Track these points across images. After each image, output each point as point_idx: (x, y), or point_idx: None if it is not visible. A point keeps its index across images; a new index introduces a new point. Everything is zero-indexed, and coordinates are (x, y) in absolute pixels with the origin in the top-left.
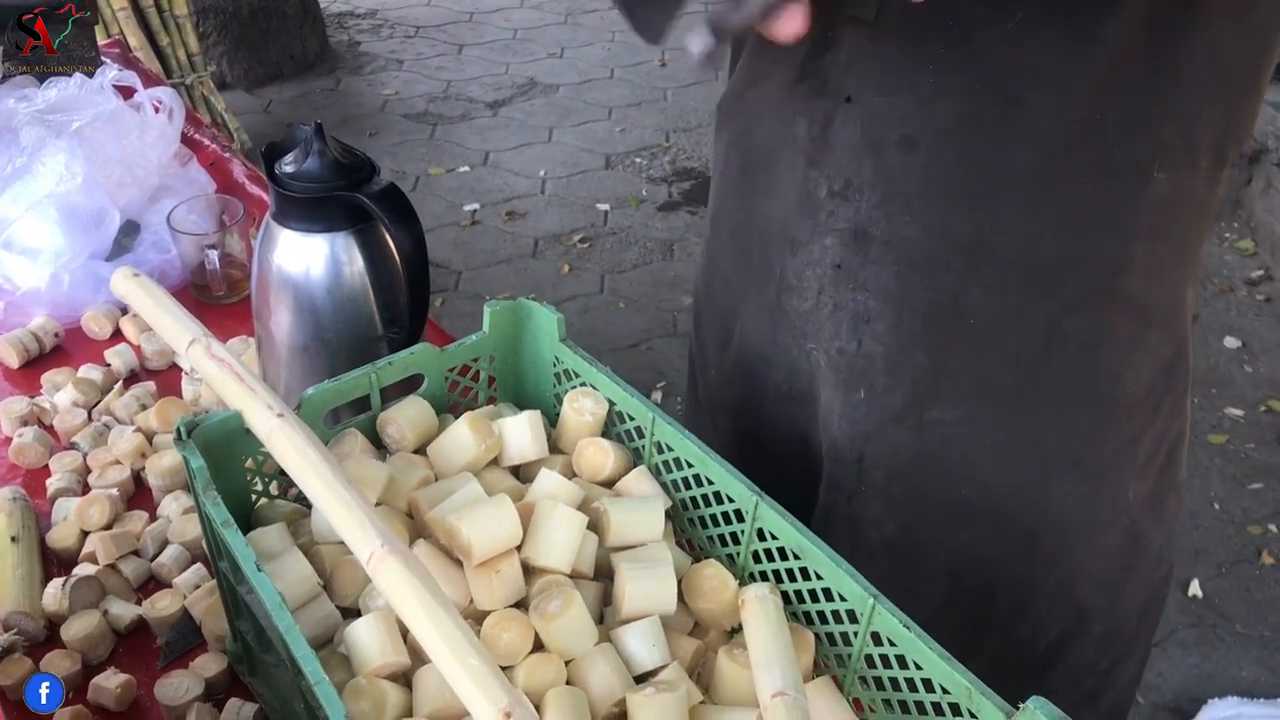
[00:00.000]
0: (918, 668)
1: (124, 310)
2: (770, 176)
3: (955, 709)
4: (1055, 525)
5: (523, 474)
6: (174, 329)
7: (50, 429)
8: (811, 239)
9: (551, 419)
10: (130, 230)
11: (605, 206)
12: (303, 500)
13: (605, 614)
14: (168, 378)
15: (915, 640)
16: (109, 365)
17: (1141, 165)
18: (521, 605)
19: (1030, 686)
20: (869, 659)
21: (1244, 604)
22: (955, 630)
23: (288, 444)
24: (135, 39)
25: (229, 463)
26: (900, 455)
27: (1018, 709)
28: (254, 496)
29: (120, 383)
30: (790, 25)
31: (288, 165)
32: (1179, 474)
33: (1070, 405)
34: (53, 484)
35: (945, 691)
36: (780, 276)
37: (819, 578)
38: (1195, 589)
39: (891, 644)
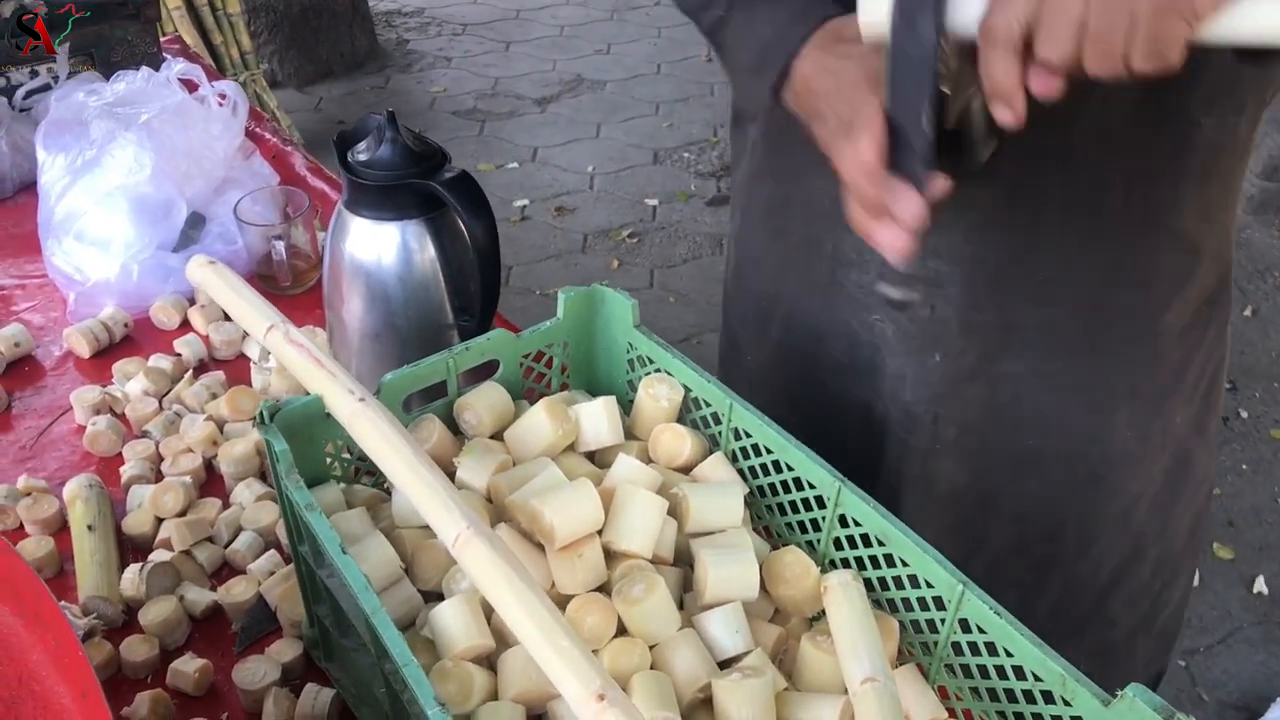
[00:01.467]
0: (1008, 655)
1: (192, 301)
2: (811, 155)
3: (1048, 696)
4: (1117, 458)
5: (598, 459)
6: (252, 315)
7: (122, 417)
8: (922, 280)
9: (624, 405)
10: (196, 222)
11: (654, 201)
12: (379, 485)
13: (685, 600)
14: (236, 367)
15: (1006, 627)
16: (178, 355)
17: (1191, 114)
18: (603, 590)
19: (1092, 618)
20: (956, 646)
21: None
22: (1021, 573)
23: (370, 428)
24: (189, 37)
25: (309, 447)
26: (972, 409)
27: (1115, 696)
28: (334, 480)
29: (190, 372)
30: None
31: (361, 153)
32: (1219, 398)
33: (1127, 341)
34: (126, 471)
35: (1038, 679)
36: (833, 253)
37: (904, 564)
38: (1260, 585)
39: (981, 631)
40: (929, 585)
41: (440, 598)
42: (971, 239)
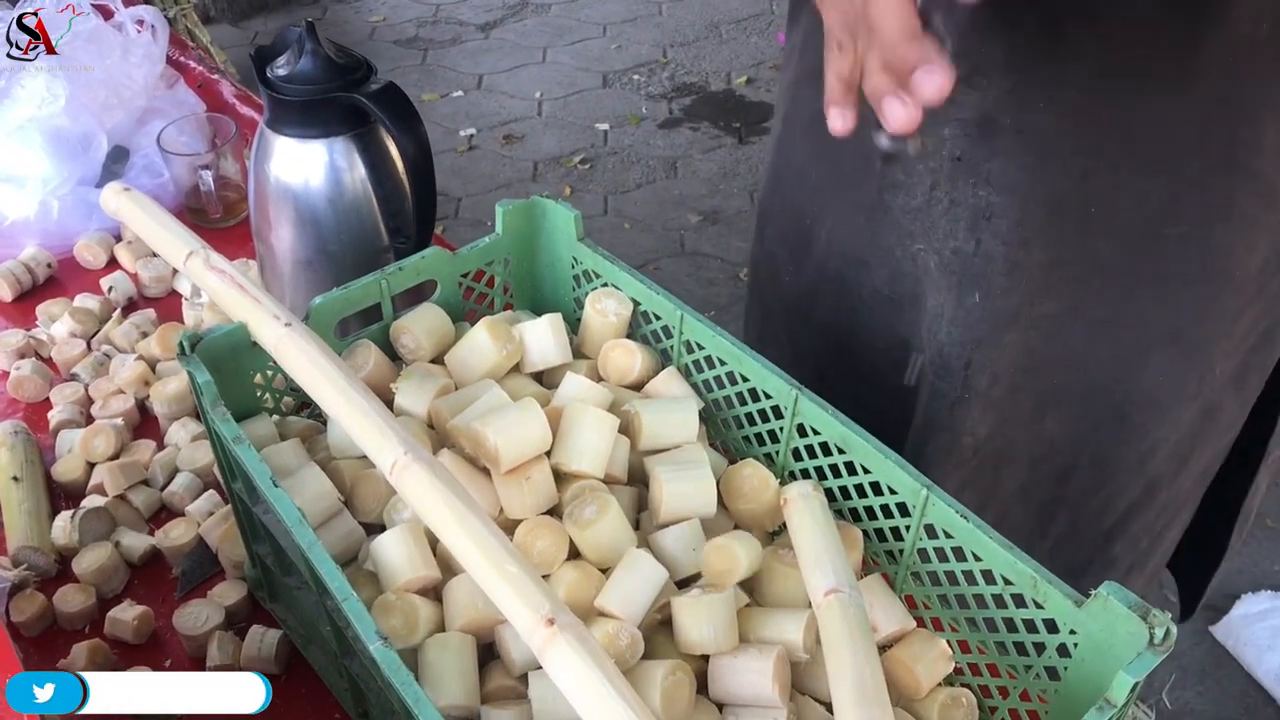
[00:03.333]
0: (976, 559)
1: (118, 237)
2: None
3: (1019, 600)
4: (1144, 400)
5: (545, 380)
6: (171, 242)
7: (49, 361)
8: (924, 130)
9: (571, 324)
10: (119, 156)
11: (605, 126)
12: (316, 416)
13: (641, 519)
14: (167, 305)
15: (974, 530)
16: (106, 293)
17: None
18: (553, 513)
19: (1095, 557)
20: (922, 553)
21: (1275, 499)
22: (1025, 516)
23: (298, 354)
24: None
25: (236, 379)
26: (1006, 357)
27: (1088, 596)
28: (267, 413)
29: (118, 311)
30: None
31: (280, 68)
32: (1272, 354)
33: (1177, 282)
34: (55, 416)
35: (1008, 583)
36: (881, 171)
37: (866, 471)
38: None
39: (948, 536)
40: (892, 492)
41: (382, 529)
42: (1028, 168)
